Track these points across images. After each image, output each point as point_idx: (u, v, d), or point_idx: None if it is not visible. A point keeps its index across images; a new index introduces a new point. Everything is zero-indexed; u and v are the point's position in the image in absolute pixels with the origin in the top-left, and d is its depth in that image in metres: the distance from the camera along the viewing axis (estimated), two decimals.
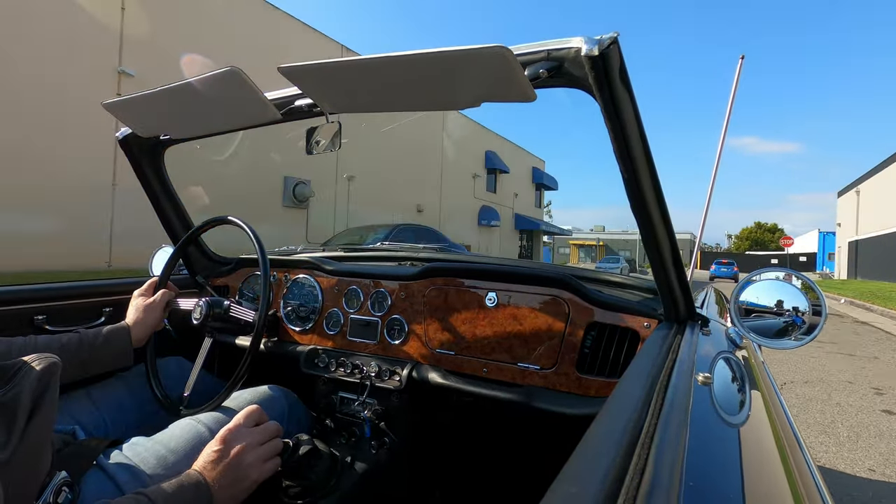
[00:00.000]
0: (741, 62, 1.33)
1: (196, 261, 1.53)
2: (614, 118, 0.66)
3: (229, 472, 0.72)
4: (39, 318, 1.21)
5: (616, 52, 0.61)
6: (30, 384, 0.63)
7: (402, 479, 1.18)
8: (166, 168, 1.32)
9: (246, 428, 0.77)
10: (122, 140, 1.22)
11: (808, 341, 0.88)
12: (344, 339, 1.25)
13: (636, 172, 0.72)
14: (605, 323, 1.01)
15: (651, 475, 0.37)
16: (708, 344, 0.86)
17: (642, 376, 0.59)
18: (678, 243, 0.85)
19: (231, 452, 0.73)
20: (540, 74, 0.66)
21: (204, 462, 0.72)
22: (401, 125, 14.44)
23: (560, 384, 1.00)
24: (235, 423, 0.77)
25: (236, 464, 0.73)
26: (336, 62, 0.71)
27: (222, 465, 0.72)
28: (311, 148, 1.02)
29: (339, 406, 1.17)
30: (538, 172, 28.29)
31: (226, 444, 0.74)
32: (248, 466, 0.74)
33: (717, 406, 0.57)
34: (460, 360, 1.11)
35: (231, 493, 0.71)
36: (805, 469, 0.60)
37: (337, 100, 0.85)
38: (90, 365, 0.96)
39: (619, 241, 55.83)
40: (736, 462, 0.48)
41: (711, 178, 1.37)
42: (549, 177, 29.53)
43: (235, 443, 0.75)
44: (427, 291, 1.19)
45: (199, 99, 0.92)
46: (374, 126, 11.81)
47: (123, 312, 1.13)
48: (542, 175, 28.59)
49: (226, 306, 1.12)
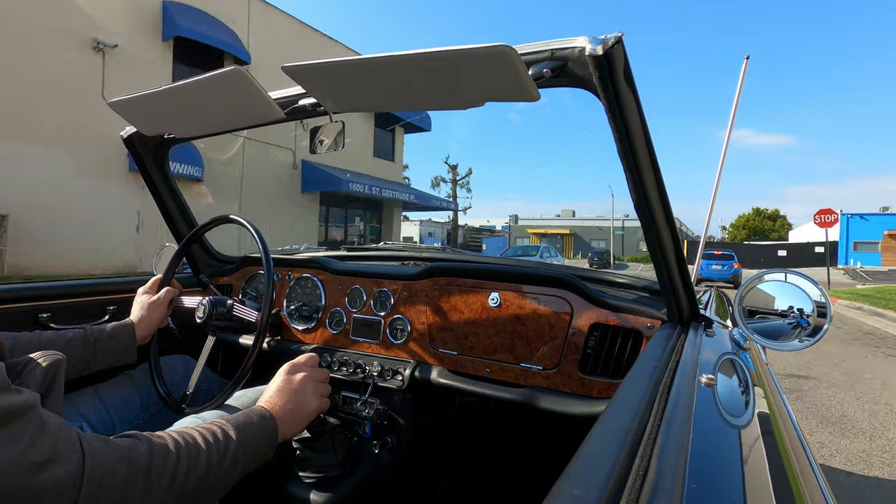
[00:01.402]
0: (746, 63, 1.32)
1: (200, 259, 1.53)
2: (618, 118, 0.66)
3: (293, 397, 0.80)
4: (44, 315, 1.22)
5: (620, 51, 0.60)
6: (36, 380, 0.65)
7: (404, 478, 1.18)
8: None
9: (306, 365, 0.87)
10: (126, 139, 1.22)
11: (812, 343, 0.88)
12: (347, 338, 1.25)
13: (640, 172, 0.72)
14: (607, 324, 1.00)
15: (654, 477, 0.36)
16: (711, 345, 0.85)
17: (645, 377, 0.59)
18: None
19: (295, 381, 0.83)
20: (544, 74, 0.66)
21: (269, 395, 0.80)
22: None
23: (563, 385, 1.00)
24: (298, 360, 0.87)
25: (300, 390, 0.82)
26: (340, 61, 0.71)
27: (288, 391, 0.81)
28: (315, 147, 1.02)
29: (341, 405, 1.17)
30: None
31: (290, 375, 0.83)
32: (311, 394, 0.83)
33: (721, 408, 0.57)
34: (463, 359, 1.11)
35: (296, 417, 0.80)
36: (809, 471, 0.59)
37: (340, 99, 0.86)
38: (95, 361, 0.97)
39: (592, 229, 45.28)
40: (739, 464, 0.48)
41: (716, 179, 1.37)
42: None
43: (299, 373, 0.84)
44: (430, 291, 1.18)
45: (204, 98, 0.92)
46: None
47: (127, 310, 1.13)
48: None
49: (229, 305, 1.12)
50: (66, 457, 0.49)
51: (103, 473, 0.51)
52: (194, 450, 0.61)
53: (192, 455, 0.60)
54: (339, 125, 0.99)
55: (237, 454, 0.66)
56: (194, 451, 0.61)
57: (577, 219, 48.03)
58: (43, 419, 0.50)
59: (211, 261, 1.56)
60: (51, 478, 0.47)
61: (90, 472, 0.50)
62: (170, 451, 0.59)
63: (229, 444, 0.65)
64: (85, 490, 0.49)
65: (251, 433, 0.70)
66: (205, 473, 0.61)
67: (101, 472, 0.51)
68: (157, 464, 0.57)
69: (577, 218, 48.23)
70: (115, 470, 0.52)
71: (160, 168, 1.31)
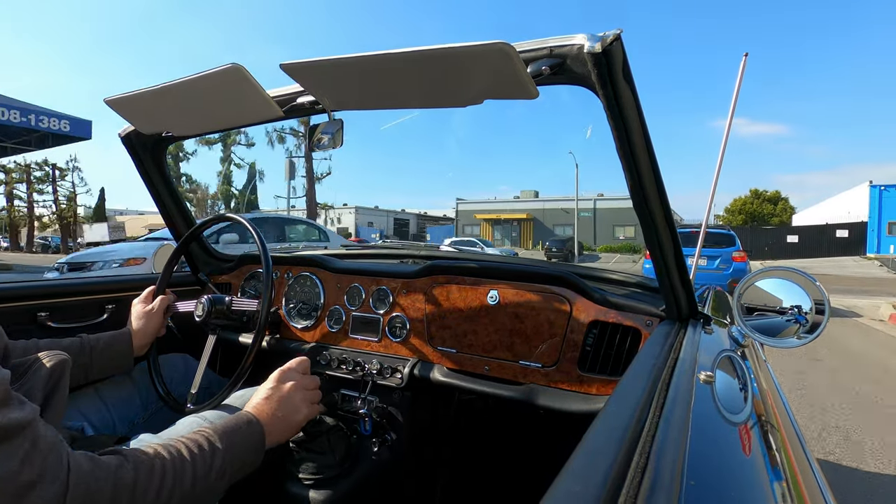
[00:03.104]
0: (745, 60, 1.32)
1: (198, 258, 1.53)
2: (617, 115, 0.66)
3: (282, 406, 0.80)
4: (42, 314, 1.21)
5: (619, 48, 0.60)
6: (41, 380, 0.65)
7: (404, 476, 1.18)
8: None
9: (296, 372, 0.86)
10: (124, 137, 1.22)
11: (810, 340, 0.88)
12: (346, 336, 1.26)
13: (638, 169, 0.72)
14: (606, 321, 1.00)
15: (652, 474, 0.37)
16: (710, 342, 0.85)
17: (644, 375, 0.59)
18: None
19: (284, 389, 0.82)
20: (542, 71, 0.66)
21: (256, 402, 0.80)
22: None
23: (561, 382, 1.00)
24: (288, 367, 0.86)
25: (288, 398, 0.81)
26: (338, 59, 0.71)
27: (275, 399, 0.80)
28: (314, 145, 1.02)
29: (340, 403, 1.17)
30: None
31: (278, 383, 0.83)
32: (301, 402, 0.83)
33: (719, 405, 0.57)
34: (462, 357, 1.11)
35: (285, 425, 0.80)
36: (807, 467, 0.59)
37: (338, 97, 0.85)
38: (91, 370, 0.97)
39: (557, 213, 35.91)
40: (737, 461, 0.48)
41: (714, 176, 1.37)
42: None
43: (287, 381, 0.84)
44: (429, 289, 1.19)
45: (202, 96, 0.92)
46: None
47: (125, 310, 1.13)
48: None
49: (228, 302, 1.12)
50: (55, 475, 0.50)
51: (88, 491, 0.52)
52: (179, 464, 0.62)
53: (177, 469, 0.61)
54: (338, 123, 0.99)
55: (224, 465, 0.66)
56: (179, 465, 0.61)
57: (540, 200, 38.15)
58: (38, 435, 0.51)
59: (210, 259, 1.55)
60: (39, 496, 0.48)
61: (74, 489, 0.51)
62: (155, 466, 0.59)
63: (216, 455, 0.66)
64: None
65: (238, 439, 0.70)
66: (190, 487, 0.61)
67: (87, 489, 0.52)
68: (143, 481, 0.57)
69: (540, 199, 38.20)
70: (100, 489, 0.53)
71: (158, 166, 1.30)
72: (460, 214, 40.10)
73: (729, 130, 1.31)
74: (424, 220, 51.42)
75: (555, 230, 35.16)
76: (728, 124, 1.31)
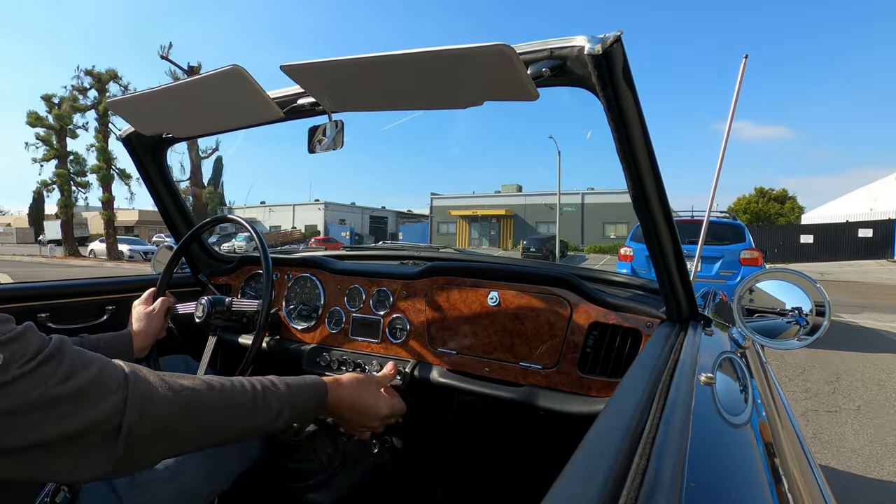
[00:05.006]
0: (745, 61, 1.32)
1: (199, 259, 1.53)
2: (617, 117, 0.66)
3: (360, 391, 0.77)
4: (43, 315, 1.21)
5: (619, 50, 0.60)
6: None
7: (404, 477, 1.18)
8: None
9: (378, 384, 0.84)
10: (124, 138, 1.22)
11: (811, 342, 0.88)
12: (346, 337, 1.25)
13: (639, 171, 0.72)
14: (606, 322, 1.00)
15: (653, 475, 0.37)
16: (710, 344, 0.85)
17: (644, 376, 0.59)
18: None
19: (372, 385, 0.81)
20: (542, 73, 0.66)
21: (336, 377, 0.77)
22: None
23: (562, 384, 1.00)
24: (376, 378, 0.84)
25: (373, 395, 0.80)
26: (338, 61, 0.71)
27: (358, 385, 0.78)
28: (314, 147, 1.02)
29: None
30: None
31: (370, 382, 0.81)
32: (381, 400, 0.81)
33: (720, 406, 0.57)
34: (462, 359, 1.11)
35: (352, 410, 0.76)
36: (808, 469, 0.59)
37: (339, 98, 0.85)
38: None
39: (541, 209, 32.25)
40: (738, 463, 0.48)
41: (714, 178, 1.37)
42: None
43: (379, 385, 0.83)
44: (429, 290, 1.19)
45: (202, 97, 0.92)
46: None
47: (125, 311, 1.13)
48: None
49: (228, 303, 1.12)
50: (112, 386, 0.50)
51: (144, 399, 0.51)
52: (240, 387, 0.62)
53: (237, 393, 0.61)
54: (338, 124, 0.99)
55: (282, 404, 0.65)
56: (240, 389, 0.62)
57: (523, 195, 34.72)
58: (78, 352, 0.50)
59: (210, 260, 1.56)
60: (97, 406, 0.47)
61: (132, 397, 0.50)
62: (213, 383, 0.59)
63: (278, 389, 0.66)
64: (129, 415, 0.49)
65: (301, 389, 0.69)
66: (250, 417, 0.61)
67: (143, 398, 0.51)
68: (204, 391, 0.57)
69: (523, 194, 34.89)
70: (162, 397, 0.53)
71: (158, 168, 1.30)
72: (435, 211, 36.88)
73: (729, 131, 1.31)
74: (406, 217, 48.08)
75: (538, 228, 31.85)
76: (728, 125, 1.31)
